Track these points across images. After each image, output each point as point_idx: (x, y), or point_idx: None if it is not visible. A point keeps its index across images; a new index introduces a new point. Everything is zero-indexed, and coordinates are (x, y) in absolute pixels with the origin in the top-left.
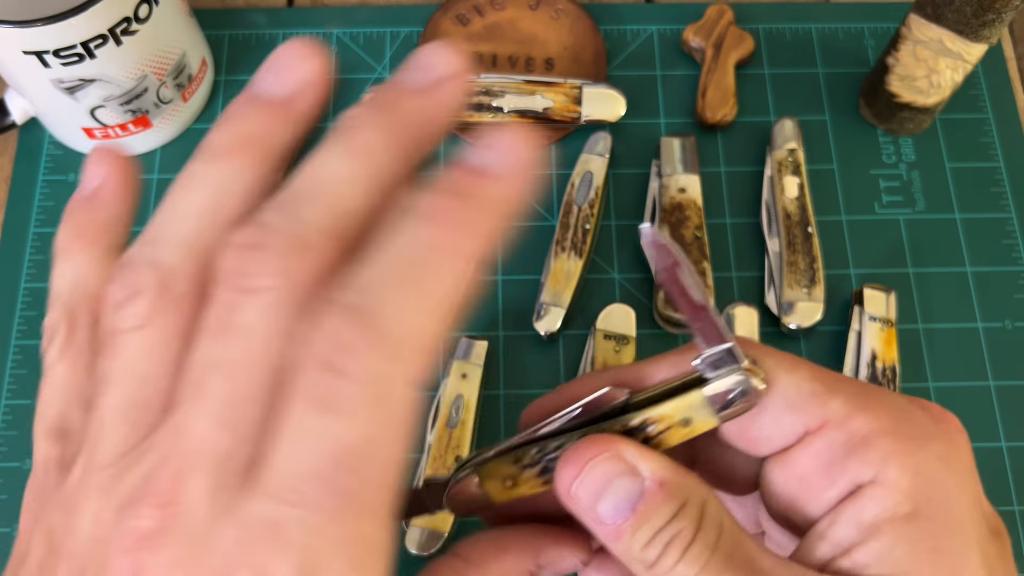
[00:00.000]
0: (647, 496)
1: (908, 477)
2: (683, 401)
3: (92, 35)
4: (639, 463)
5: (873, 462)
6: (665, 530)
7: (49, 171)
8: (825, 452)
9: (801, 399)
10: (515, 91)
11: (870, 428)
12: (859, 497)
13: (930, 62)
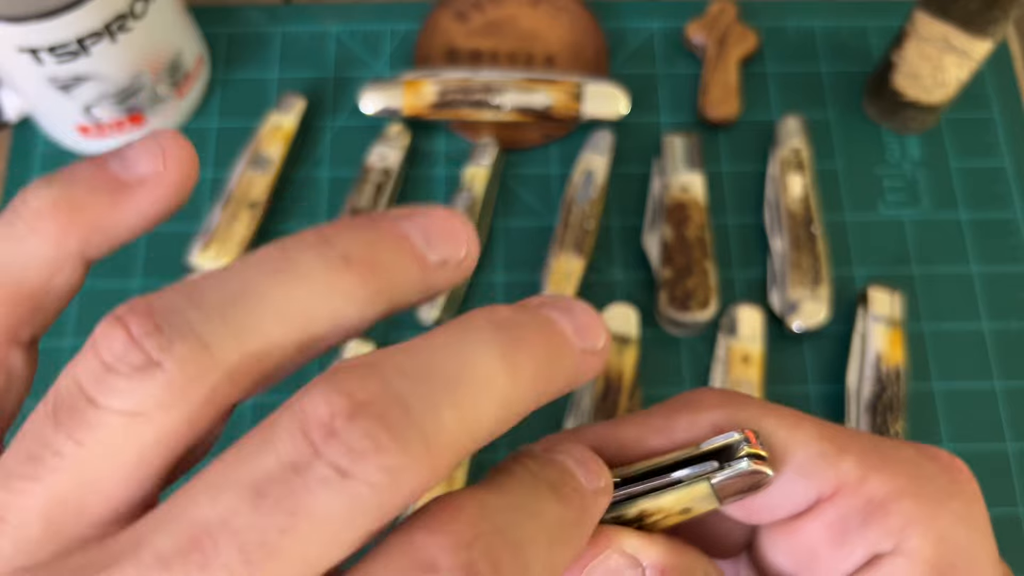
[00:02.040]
0: None
1: (931, 545)
2: (686, 493)
3: (87, 32)
4: (639, 553)
5: (893, 530)
6: None
7: (44, 169)
8: (839, 521)
9: (811, 463)
10: (516, 88)
11: (887, 491)
12: (879, 569)
13: (935, 59)
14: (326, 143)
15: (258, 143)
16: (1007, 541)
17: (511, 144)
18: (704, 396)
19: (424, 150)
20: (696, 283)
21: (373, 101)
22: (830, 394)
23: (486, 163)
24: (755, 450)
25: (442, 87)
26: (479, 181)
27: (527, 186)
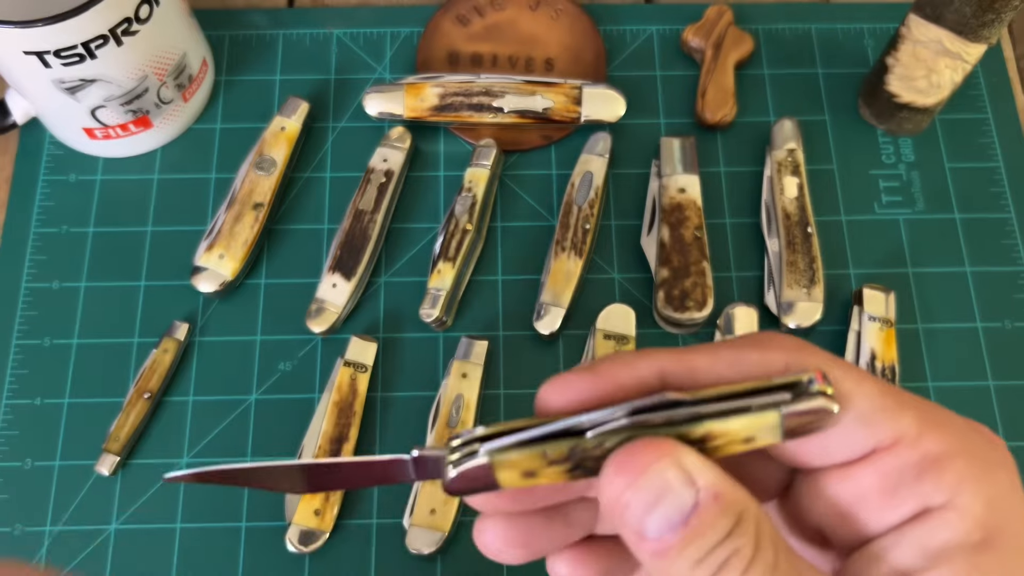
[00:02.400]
0: (701, 509)
1: (981, 504)
2: (755, 421)
3: (93, 35)
4: (696, 474)
5: (947, 486)
6: (721, 548)
7: (50, 171)
8: (895, 471)
9: (873, 413)
10: (515, 91)
11: (942, 449)
12: (928, 521)
13: (929, 62)
14: (328, 145)
15: (262, 145)
16: None
17: (511, 146)
18: (775, 338)
19: (425, 152)
20: (693, 283)
21: (375, 104)
22: None
23: (486, 164)
24: (824, 388)
25: (443, 90)
26: (480, 182)
27: (527, 187)
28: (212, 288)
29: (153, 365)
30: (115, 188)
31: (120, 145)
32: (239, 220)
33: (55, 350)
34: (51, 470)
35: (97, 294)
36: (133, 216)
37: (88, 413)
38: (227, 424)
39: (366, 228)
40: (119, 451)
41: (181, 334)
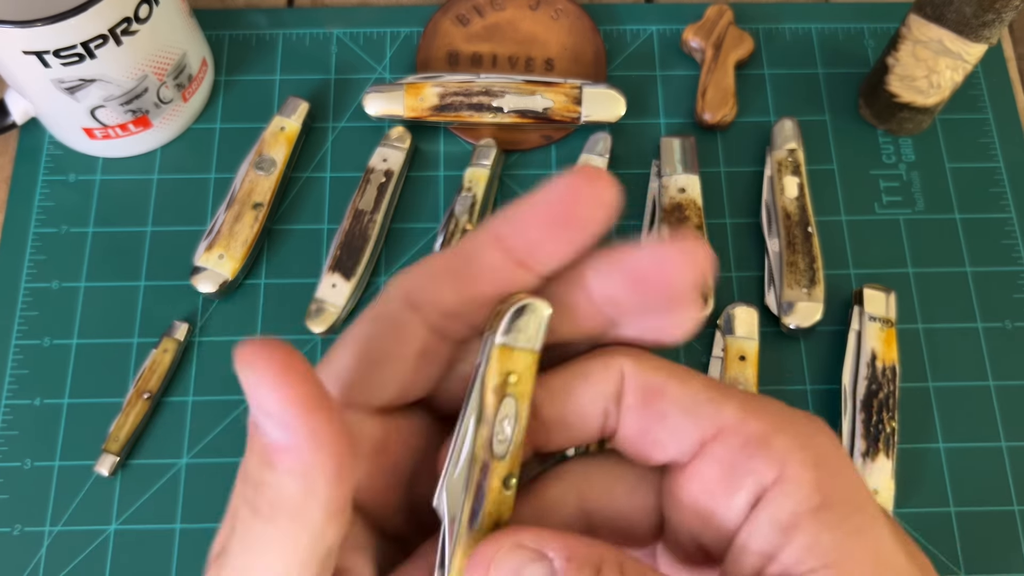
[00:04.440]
0: (560, 574)
1: (809, 469)
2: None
3: (92, 35)
4: (542, 545)
5: (775, 460)
6: None
7: (49, 171)
8: (726, 457)
9: (696, 405)
10: (515, 91)
11: (764, 428)
12: (769, 499)
13: (930, 62)
14: (328, 145)
15: (262, 145)
16: (1003, 539)
17: (511, 146)
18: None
19: (425, 152)
20: None
21: (375, 104)
22: (825, 392)
23: (486, 164)
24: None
25: (443, 90)
26: (479, 182)
27: (527, 187)
28: (212, 288)
29: (153, 365)
30: (115, 188)
31: (119, 145)
32: (239, 220)
33: (55, 350)
34: (51, 470)
35: (97, 294)
36: (133, 216)
37: (88, 413)
38: (227, 424)
39: (366, 228)
40: (119, 451)
41: (181, 334)
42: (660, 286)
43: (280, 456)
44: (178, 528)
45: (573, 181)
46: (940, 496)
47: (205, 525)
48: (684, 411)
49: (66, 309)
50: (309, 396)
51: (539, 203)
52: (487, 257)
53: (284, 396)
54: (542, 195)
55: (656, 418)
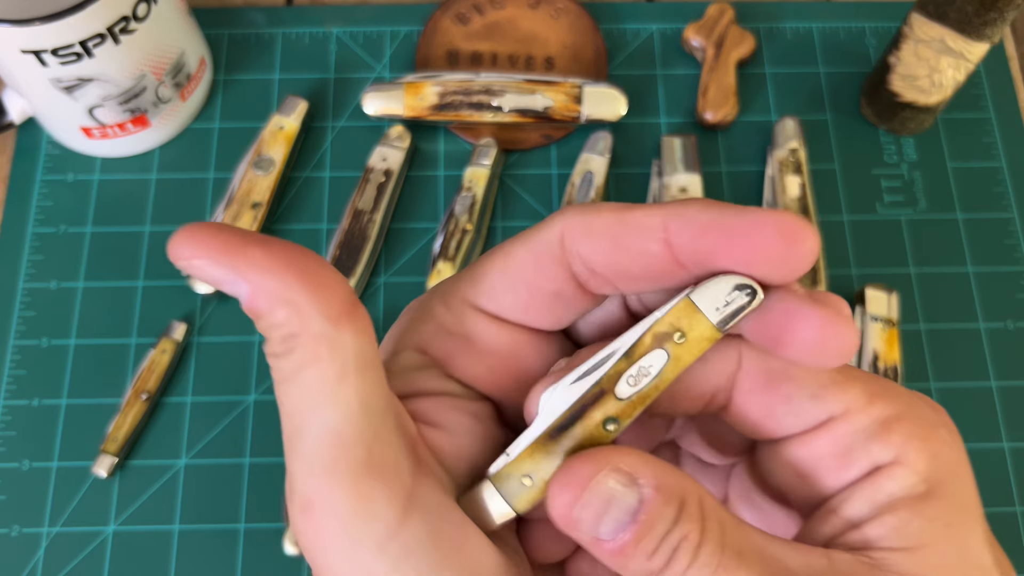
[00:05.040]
0: (647, 503)
1: (925, 460)
2: (674, 314)
3: (90, 34)
4: (636, 471)
5: (894, 445)
6: (670, 535)
7: (47, 171)
8: (845, 436)
9: (822, 389)
10: (515, 90)
11: (889, 414)
12: (877, 477)
13: (932, 61)
14: (327, 144)
15: (261, 144)
16: (1004, 539)
17: (511, 145)
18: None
19: (425, 151)
20: None
21: (374, 103)
22: None
23: (486, 164)
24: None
25: (443, 89)
26: (479, 182)
27: (527, 187)
28: (210, 288)
29: (151, 366)
30: (113, 188)
31: (118, 144)
32: (237, 220)
33: (53, 351)
34: (49, 471)
35: (95, 294)
36: (131, 216)
37: (86, 414)
38: (226, 425)
39: (365, 228)
40: (117, 452)
41: (179, 334)
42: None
43: (255, 306)
44: (176, 529)
45: (783, 222)
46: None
47: (204, 526)
48: (810, 395)
49: (64, 309)
50: (231, 243)
51: (732, 229)
52: (648, 240)
53: (211, 259)
54: (736, 223)
55: (779, 400)
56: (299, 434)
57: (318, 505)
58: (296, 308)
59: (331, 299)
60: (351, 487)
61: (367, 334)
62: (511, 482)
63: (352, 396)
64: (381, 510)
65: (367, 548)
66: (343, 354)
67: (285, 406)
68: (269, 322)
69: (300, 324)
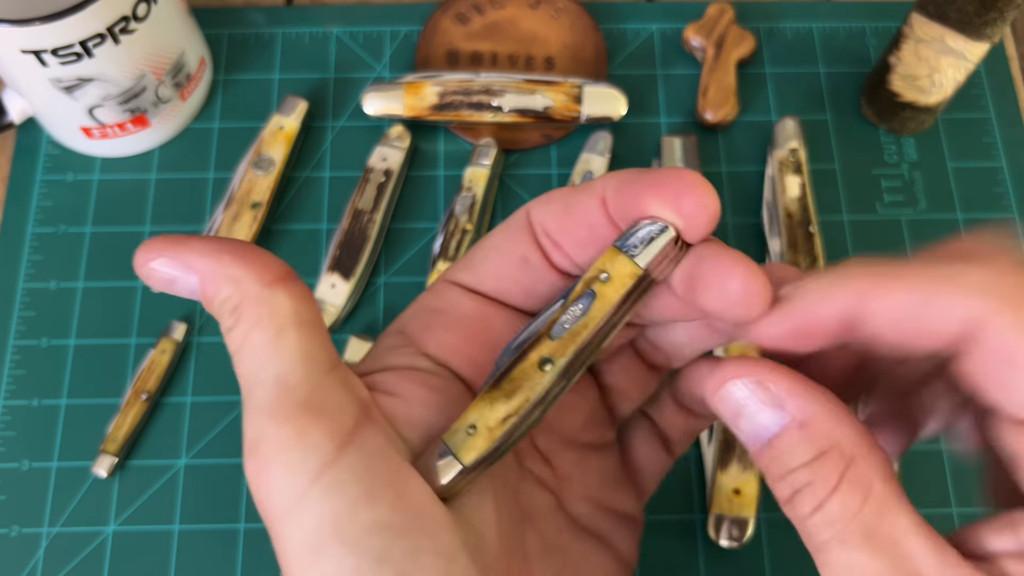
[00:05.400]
0: (784, 433)
1: None
2: (600, 260)
3: (90, 34)
4: (788, 398)
5: None
6: (797, 474)
7: (47, 171)
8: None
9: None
10: (515, 90)
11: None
12: None
13: (932, 61)
14: (327, 144)
15: (261, 144)
16: None
17: (511, 145)
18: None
19: (425, 151)
20: None
21: (374, 103)
22: None
23: (486, 164)
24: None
25: (442, 89)
26: (479, 182)
27: (527, 187)
28: None
29: (151, 366)
30: (113, 188)
31: (118, 144)
32: (237, 220)
33: (52, 351)
34: (48, 471)
35: (95, 294)
36: (131, 216)
37: (85, 414)
38: (226, 425)
39: (365, 228)
40: (117, 452)
41: (179, 334)
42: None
43: (205, 291)
44: (176, 529)
45: (684, 175)
46: (942, 497)
47: (204, 526)
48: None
49: (64, 309)
50: (176, 242)
51: (647, 181)
52: (588, 200)
53: (163, 256)
54: (651, 176)
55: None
56: (251, 389)
57: (262, 442)
58: (236, 282)
59: (264, 270)
60: (291, 422)
61: (304, 299)
62: (457, 435)
63: (293, 348)
64: (318, 442)
65: (303, 476)
66: (281, 313)
67: (240, 372)
68: (218, 301)
69: (240, 294)
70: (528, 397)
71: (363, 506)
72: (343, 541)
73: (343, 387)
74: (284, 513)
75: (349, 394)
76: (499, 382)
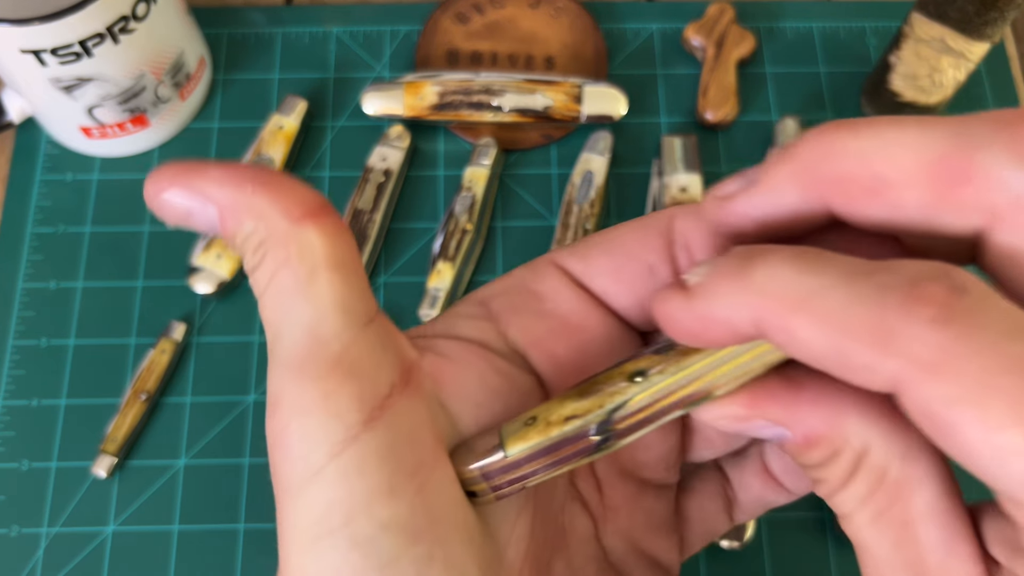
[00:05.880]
0: (790, 447)
1: None
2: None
3: (90, 33)
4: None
5: None
6: (809, 471)
7: (47, 171)
8: None
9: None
10: (515, 90)
11: None
12: None
13: (932, 61)
14: (327, 144)
15: (260, 144)
16: None
17: (511, 145)
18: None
19: (424, 151)
20: None
21: (374, 102)
22: None
23: (486, 164)
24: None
25: (442, 89)
26: (479, 182)
27: (527, 186)
28: (210, 288)
29: (150, 366)
30: (112, 188)
31: (117, 144)
32: None
33: (52, 351)
34: (48, 472)
35: (94, 294)
36: (130, 216)
37: (85, 414)
38: (225, 425)
39: (365, 228)
40: (116, 452)
41: (179, 334)
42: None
43: (225, 225)
44: (176, 529)
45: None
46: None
47: (203, 526)
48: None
49: (63, 309)
50: (191, 169)
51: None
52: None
53: (176, 186)
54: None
55: None
56: (277, 338)
57: (284, 401)
58: (261, 215)
59: (293, 201)
60: (317, 383)
61: (340, 237)
62: (512, 425)
63: (325, 295)
64: (344, 410)
65: (321, 450)
66: (312, 254)
67: (265, 317)
68: (241, 237)
69: (266, 229)
70: (603, 404)
71: (381, 499)
72: (352, 536)
73: (382, 345)
74: (295, 488)
75: (388, 354)
76: (580, 383)
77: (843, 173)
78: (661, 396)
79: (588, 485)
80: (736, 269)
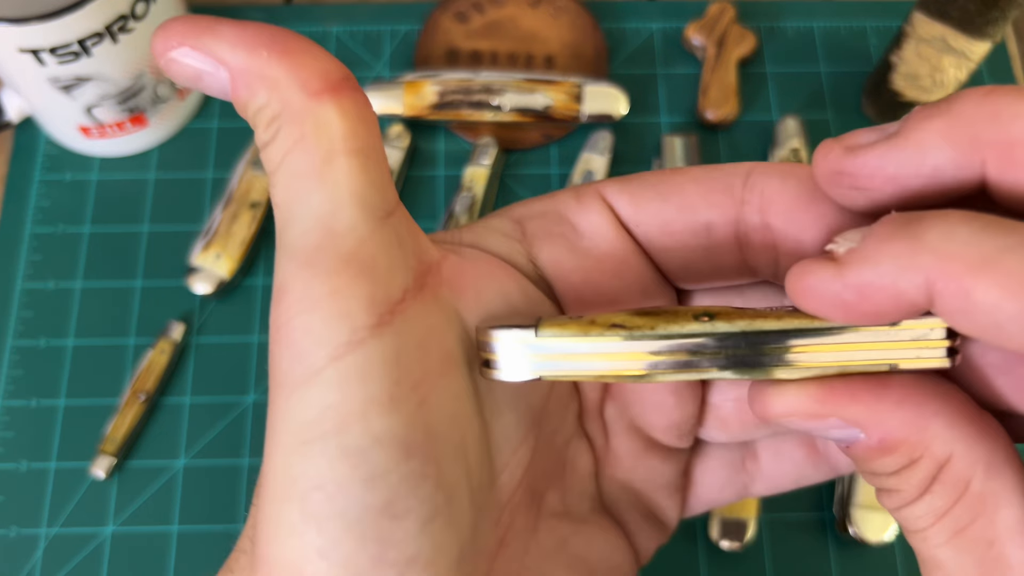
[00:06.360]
0: (860, 450)
1: None
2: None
3: (88, 33)
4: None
5: None
6: (882, 479)
7: (45, 170)
8: None
9: None
10: (515, 89)
11: None
12: None
13: (934, 60)
14: None
15: None
16: None
17: (511, 144)
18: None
19: (424, 150)
20: None
21: (374, 102)
22: None
23: (486, 163)
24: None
25: (442, 88)
26: (479, 181)
27: (527, 186)
28: (209, 288)
29: (149, 366)
30: (111, 187)
31: (116, 144)
32: (236, 219)
33: (51, 351)
34: (47, 472)
35: (93, 294)
36: (129, 216)
37: (84, 415)
38: (225, 426)
39: None
40: (115, 453)
41: (178, 335)
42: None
43: (236, 93)
44: (175, 530)
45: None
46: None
47: (203, 527)
48: None
49: (62, 309)
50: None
51: None
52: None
53: (185, 44)
54: None
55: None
56: (287, 224)
57: (288, 294)
58: (275, 85)
59: (312, 72)
60: (325, 278)
61: (362, 117)
62: (552, 318)
63: (342, 182)
64: (352, 310)
65: (322, 350)
66: (329, 134)
67: (276, 198)
68: (253, 108)
69: (280, 102)
70: (654, 326)
71: (380, 410)
72: (343, 444)
73: (399, 243)
74: (289, 387)
75: (406, 253)
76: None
77: (1014, 137)
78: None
79: (596, 427)
80: (902, 229)
